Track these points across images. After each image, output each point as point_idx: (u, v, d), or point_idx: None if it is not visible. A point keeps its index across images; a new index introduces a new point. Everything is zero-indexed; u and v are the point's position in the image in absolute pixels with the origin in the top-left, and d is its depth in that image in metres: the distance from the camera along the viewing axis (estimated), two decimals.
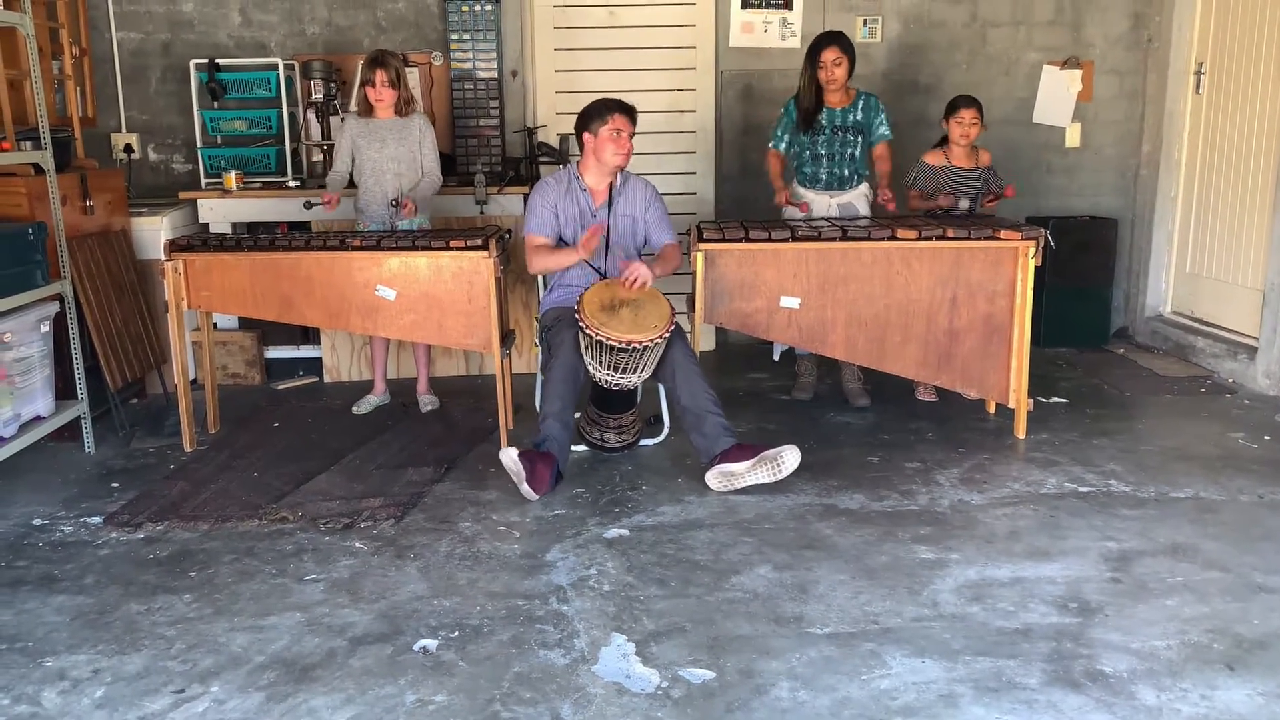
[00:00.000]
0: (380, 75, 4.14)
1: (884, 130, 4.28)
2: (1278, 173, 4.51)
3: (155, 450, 3.95)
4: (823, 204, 4.31)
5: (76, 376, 3.89)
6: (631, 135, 3.70)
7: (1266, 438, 3.91)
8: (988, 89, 5.43)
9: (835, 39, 4.19)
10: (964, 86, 5.21)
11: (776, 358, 4.67)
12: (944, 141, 4.34)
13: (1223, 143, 5.01)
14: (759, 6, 5.32)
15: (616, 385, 3.49)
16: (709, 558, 2.91)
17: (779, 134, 4.37)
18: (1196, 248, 5.25)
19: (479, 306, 3.80)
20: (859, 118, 4.25)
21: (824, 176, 4.29)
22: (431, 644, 2.46)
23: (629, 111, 3.70)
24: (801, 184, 4.36)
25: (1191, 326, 5.18)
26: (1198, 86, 5.18)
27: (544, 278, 3.99)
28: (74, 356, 3.87)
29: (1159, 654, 2.38)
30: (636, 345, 3.34)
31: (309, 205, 4.23)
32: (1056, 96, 5.49)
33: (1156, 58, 5.42)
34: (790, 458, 3.34)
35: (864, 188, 4.36)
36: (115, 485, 3.58)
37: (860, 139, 4.26)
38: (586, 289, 3.54)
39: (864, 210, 4.33)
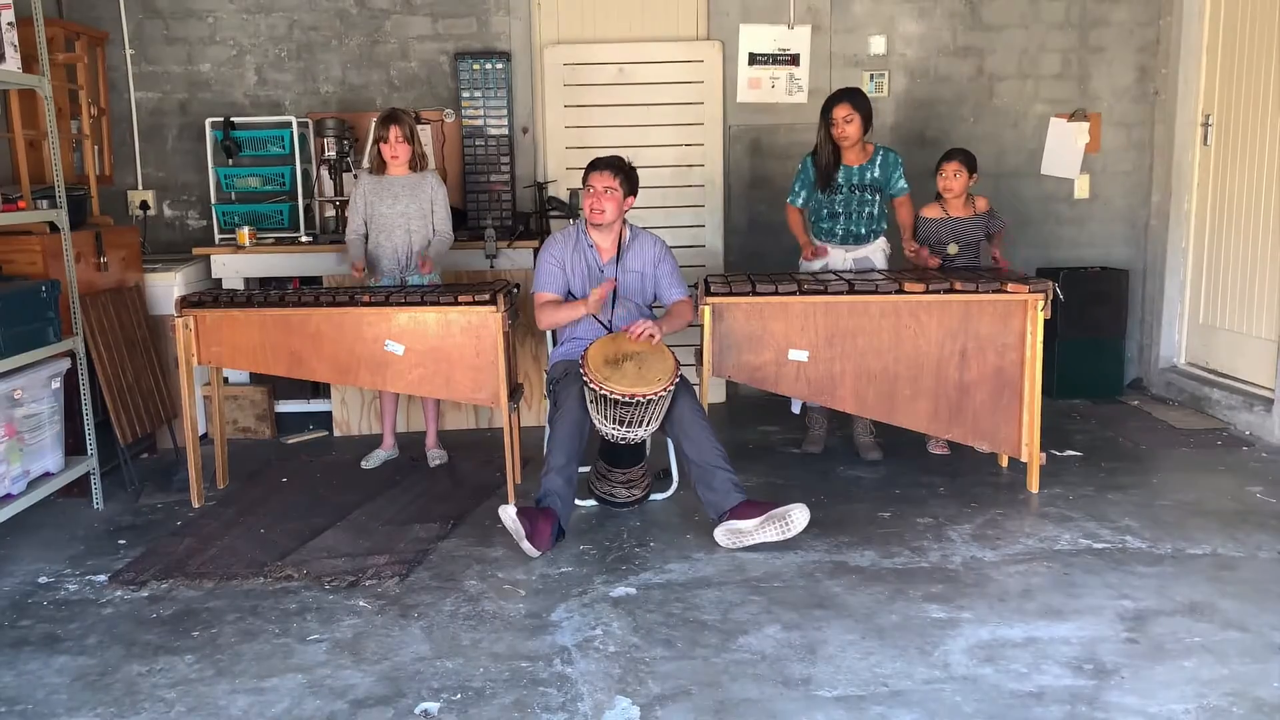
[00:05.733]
0: (394, 131, 4.19)
1: (902, 184, 4.31)
2: None
3: (163, 506, 3.94)
4: (839, 257, 4.33)
5: (87, 432, 3.90)
6: (610, 188, 3.69)
7: None
8: (995, 142, 5.47)
9: (847, 96, 4.22)
10: (971, 140, 5.25)
11: (796, 410, 4.63)
12: (940, 195, 4.35)
13: (1233, 193, 5.00)
14: (766, 63, 5.39)
15: (622, 439, 3.48)
16: (717, 617, 2.87)
17: (796, 189, 4.41)
18: (1209, 298, 5.22)
19: (487, 361, 3.80)
20: (876, 175, 4.27)
21: (839, 232, 4.31)
22: (433, 707, 2.42)
23: (609, 165, 3.70)
24: (818, 236, 4.39)
25: (1206, 378, 5.13)
26: (1205, 138, 5.19)
27: (554, 331, 4.00)
28: (84, 412, 3.89)
29: (1177, 718, 2.31)
30: (640, 399, 3.33)
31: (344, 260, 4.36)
32: (1064, 148, 5.51)
33: (1164, 110, 5.44)
34: (799, 517, 3.31)
35: (881, 241, 4.37)
36: (122, 542, 3.57)
37: (878, 197, 4.28)
38: (593, 343, 3.54)
39: (880, 264, 4.33)
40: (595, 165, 3.73)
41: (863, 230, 4.30)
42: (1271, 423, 4.51)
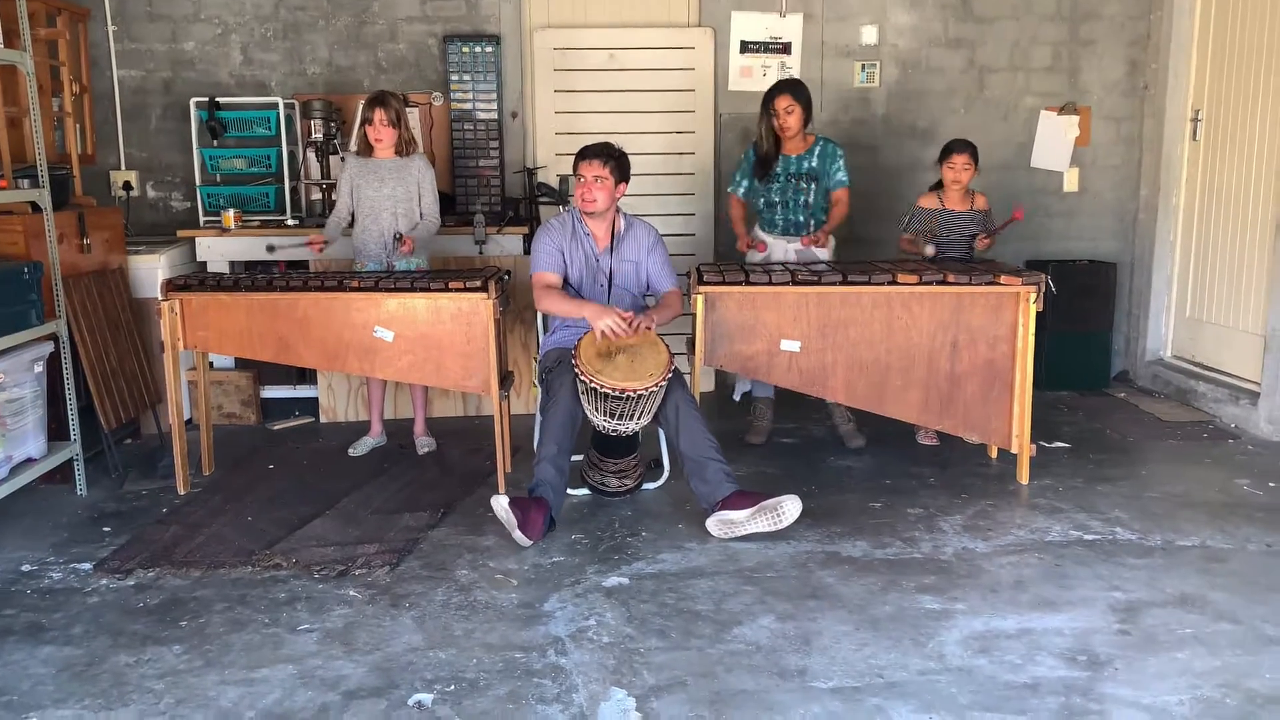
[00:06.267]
0: (380, 114, 4.14)
1: (841, 177, 4.29)
2: (1276, 217, 4.51)
3: (148, 493, 3.89)
4: (780, 248, 4.32)
5: (70, 417, 3.84)
6: (600, 177, 3.63)
7: (1272, 484, 3.87)
8: (986, 134, 5.45)
9: (787, 87, 4.25)
10: (962, 132, 5.22)
11: (737, 398, 4.62)
12: (939, 185, 4.35)
13: (1221, 188, 5.02)
14: (758, 51, 5.36)
15: (614, 431, 3.45)
16: (710, 608, 2.86)
17: (738, 179, 4.45)
18: (1196, 292, 5.24)
19: (478, 348, 3.76)
20: (814, 165, 4.27)
21: (780, 222, 4.32)
22: (427, 698, 2.40)
23: (598, 154, 3.65)
24: (762, 228, 4.40)
25: (1192, 371, 5.16)
26: (1195, 133, 5.20)
27: (545, 317, 3.97)
28: (67, 397, 3.83)
29: (1171, 710, 2.33)
30: (631, 393, 3.31)
31: (271, 249, 4.33)
32: (1054, 141, 5.51)
33: (1153, 104, 5.45)
34: (790, 508, 3.30)
35: None
36: (107, 529, 3.52)
37: (814, 186, 4.27)
38: (586, 333, 3.51)
39: (823, 255, 4.32)
40: (584, 154, 3.68)
41: (801, 219, 4.29)
42: (1257, 416, 4.54)
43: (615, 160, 3.67)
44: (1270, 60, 4.65)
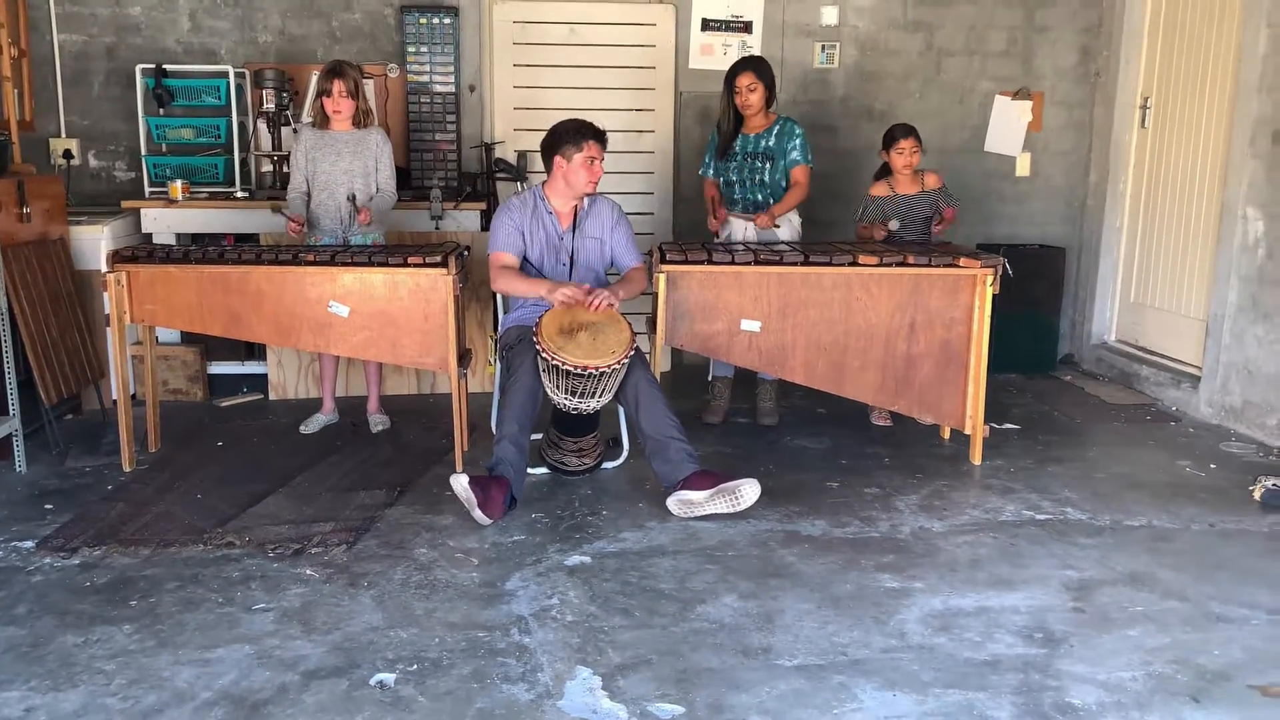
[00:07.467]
0: (338, 86, 4.04)
1: (795, 155, 4.27)
2: (1220, 206, 4.62)
3: (92, 470, 3.78)
4: (740, 227, 4.32)
5: (9, 391, 3.71)
6: (602, 160, 3.65)
7: (1213, 466, 3.98)
8: (941, 117, 5.51)
9: (750, 64, 4.24)
10: (918, 115, 5.28)
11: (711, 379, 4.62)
12: (886, 171, 4.36)
13: (1167, 175, 5.13)
14: (719, 29, 5.33)
15: (575, 409, 3.43)
16: (673, 586, 2.86)
17: (706, 161, 4.44)
18: (1141, 277, 5.36)
19: (436, 325, 3.71)
20: (771, 144, 4.26)
21: (739, 201, 4.33)
22: (389, 678, 2.37)
23: (601, 137, 3.64)
24: (727, 208, 4.39)
25: (1136, 355, 5.28)
26: (1143, 120, 5.30)
27: (505, 296, 3.92)
28: (6, 371, 3.70)
29: (1126, 686, 2.38)
30: (594, 371, 3.29)
31: (276, 210, 4.19)
32: (1008, 126, 5.58)
33: (1104, 91, 5.54)
34: (749, 491, 3.31)
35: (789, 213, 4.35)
36: (49, 507, 3.41)
37: (768, 165, 4.27)
38: (547, 310, 3.48)
39: (784, 235, 4.32)
40: (590, 134, 3.59)
41: (759, 197, 4.29)
42: (1198, 399, 4.66)
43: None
44: (1218, 50, 4.75)
